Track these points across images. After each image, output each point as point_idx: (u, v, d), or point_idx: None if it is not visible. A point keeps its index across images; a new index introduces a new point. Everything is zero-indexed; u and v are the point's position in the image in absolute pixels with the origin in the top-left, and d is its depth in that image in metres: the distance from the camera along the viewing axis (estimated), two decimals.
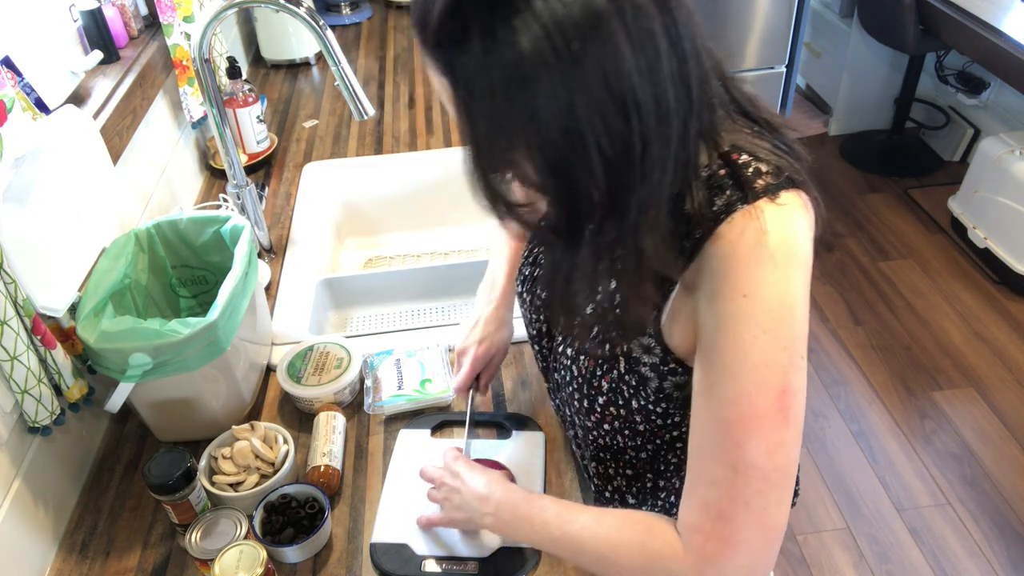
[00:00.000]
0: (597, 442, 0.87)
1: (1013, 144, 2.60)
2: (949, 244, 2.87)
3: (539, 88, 0.54)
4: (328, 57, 1.11)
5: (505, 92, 0.55)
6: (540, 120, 0.56)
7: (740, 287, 0.63)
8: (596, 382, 0.80)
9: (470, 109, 0.58)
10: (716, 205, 0.64)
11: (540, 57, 0.53)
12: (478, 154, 0.61)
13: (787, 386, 0.63)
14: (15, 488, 0.90)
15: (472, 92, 0.57)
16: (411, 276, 1.43)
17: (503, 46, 0.54)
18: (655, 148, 0.58)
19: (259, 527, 0.89)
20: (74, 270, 1.00)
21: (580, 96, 0.55)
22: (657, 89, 0.57)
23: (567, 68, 0.54)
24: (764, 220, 0.62)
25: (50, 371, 0.91)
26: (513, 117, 0.56)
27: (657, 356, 0.74)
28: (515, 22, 0.53)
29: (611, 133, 0.56)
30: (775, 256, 0.62)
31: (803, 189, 0.65)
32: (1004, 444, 2.16)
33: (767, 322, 0.62)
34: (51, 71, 1.16)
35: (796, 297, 0.63)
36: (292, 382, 1.07)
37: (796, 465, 0.65)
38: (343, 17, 2.41)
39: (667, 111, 0.58)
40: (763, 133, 0.69)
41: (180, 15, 1.46)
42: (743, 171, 0.65)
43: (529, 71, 0.54)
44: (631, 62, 0.55)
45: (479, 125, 0.59)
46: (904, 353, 2.46)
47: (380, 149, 1.71)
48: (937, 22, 2.66)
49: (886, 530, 1.97)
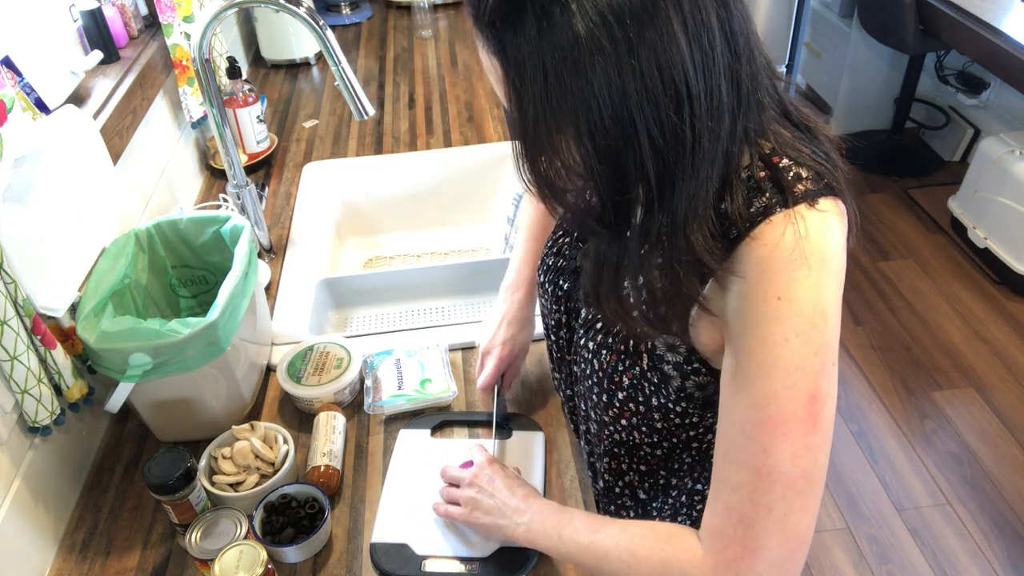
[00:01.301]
0: (612, 437, 0.87)
1: (1013, 144, 2.60)
2: (949, 244, 2.87)
3: (592, 73, 0.54)
4: (328, 57, 1.11)
5: (557, 75, 0.55)
6: (592, 106, 0.55)
7: (773, 289, 0.61)
8: (617, 377, 0.79)
9: (520, 91, 0.58)
10: (754, 206, 0.63)
11: (595, 42, 0.53)
12: (526, 137, 0.60)
13: (817, 391, 0.62)
14: (15, 488, 0.90)
15: (523, 74, 0.57)
16: (411, 276, 1.43)
17: (558, 28, 0.54)
18: (706, 142, 0.58)
19: (259, 527, 0.89)
20: (74, 270, 1.00)
21: (633, 84, 0.55)
22: (711, 82, 0.56)
23: (622, 55, 0.54)
24: (802, 225, 0.61)
25: (50, 371, 0.91)
26: (565, 101, 0.56)
27: (682, 355, 0.73)
28: (572, 5, 0.53)
29: (663, 123, 0.56)
30: (810, 261, 0.61)
31: (840, 198, 0.65)
32: (1004, 444, 2.16)
33: (800, 326, 0.61)
34: (51, 71, 1.16)
35: (829, 303, 0.62)
36: (292, 382, 1.07)
37: (824, 472, 0.64)
38: (343, 17, 2.41)
39: (720, 105, 0.57)
40: (804, 138, 0.68)
41: (180, 15, 1.46)
42: (784, 175, 0.64)
43: (584, 56, 0.54)
44: (686, 53, 0.55)
45: (529, 108, 0.58)
46: (904, 353, 2.46)
47: (380, 149, 1.71)
48: (937, 22, 2.66)
49: (886, 530, 1.97)
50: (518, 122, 0.59)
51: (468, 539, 0.90)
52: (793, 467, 0.62)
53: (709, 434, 0.80)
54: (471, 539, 0.90)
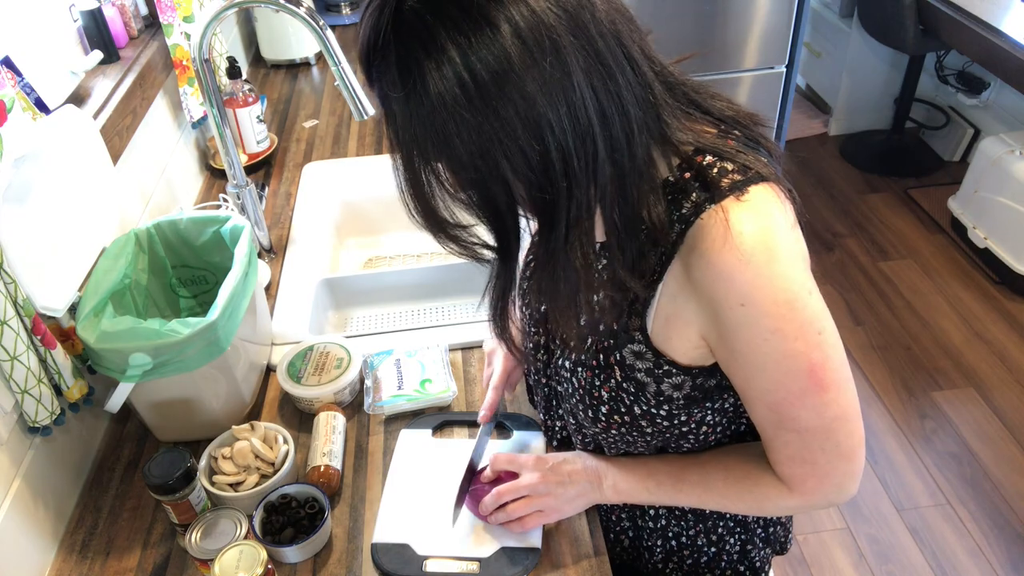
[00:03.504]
0: (608, 442, 0.87)
1: (1013, 144, 2.60)
2: (949, 244, 2.87)
3: (456, 132, 0.59)
4: (328, 57, 1.11)
5: (427, 134, 0.60)
6: (461, 159, 0.60)
7: (733, 298, 0.64)
8: (596, 392, 0.80)
9: (400, 141, 0.63)
10: (685, 208, 0.66)
11: (451, 99, 0.57)
12: (407, 180, 0.65)
13: (812, 364, 0.67)
14: (15, 488, 0.90)
15: (401, 129, 0.62)
16: (411, 276, 1.43)
17: (423, 92, 0.58)
18: (577, 162, 0.60)
19: (259, 527, 0.89)
20: (74, 270, 1.00)
21: (496, 141, 0.58)
22: (572, 107, 0.59)
23: (476, 109, 0.57)
24: (732, 220, 0.63)
25: (50, 371, 0.91)
26: (429, 144, 0.61)
27: (650, 361, 0.75)
28: (435, 70, 0.57)
29: (525, 153, 0.59)
30: (754, 259, 0.63)
31: (774, 182, 0.66)
32: (1004, 444, 2.16)
33: (771, 323, 0.64)
34: (51, 71, 1.16)
35: (791, 290, 0.64)
36: (292, 382, 1.07)
37: (854, 400, 0.71)
38: (343, 17, 2.41)
39: (587, 126, 0.59)
40: (729, 131, 0.70)
41: (180, 15, 1.46)
42: (708, 172, 0.66)
43: (441, 114, 0.58)
44: (547, 108, 0.58)
45: (404, 153, 0.63)
46: (904, 353, 2.46)
47: (380, 149, 1.71)
48: (937, 22, 2.66)
49: (886, 530, 1.97)
50: (400, 167, 0.64)
51: (468, 539, 0.90)
52: (821, 420, 0.70)
53: (703, 426, 0.81)
54: (472, 539, 0.90)
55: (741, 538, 0.94)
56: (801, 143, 3.49)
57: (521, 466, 0.88)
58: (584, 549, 0.89)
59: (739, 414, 0.82)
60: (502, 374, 1.00)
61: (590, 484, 0.86)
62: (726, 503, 0.83)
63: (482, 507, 0.88)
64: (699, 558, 0.95)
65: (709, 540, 0.94)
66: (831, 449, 0.72)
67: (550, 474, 0.86)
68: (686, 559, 0.96)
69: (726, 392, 0.77)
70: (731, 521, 0.93)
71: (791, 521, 1.02)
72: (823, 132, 3.55)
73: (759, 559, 0.97)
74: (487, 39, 0.56)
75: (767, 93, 2.72)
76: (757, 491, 0.79)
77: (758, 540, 0.96)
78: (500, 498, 0.87)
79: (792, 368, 0.67)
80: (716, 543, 0.94)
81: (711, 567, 0.96)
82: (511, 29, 0.56)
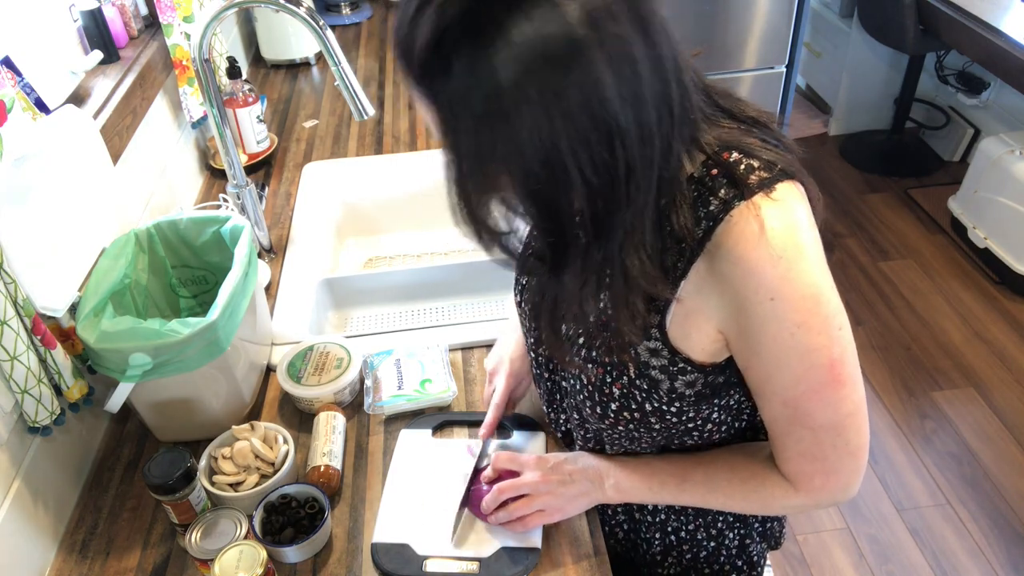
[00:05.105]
0: (611, 438, 0.87)
1: (1013, 144, 2.60)
2: (949, 244, 2.87)
3: (520, 121, 0.55)
4: (328, 57, 1.11)
5: (487, 125, 0.56)
6: (523, 152, 0.57)
7: (763, 292, 0.65)
8: (607, 389, 0.80)
9: (454, 141, 0.59)
10: (712, 205, 0.65)
11: (520, 91, 0.54)
12: (462, 183, 0.62)
13: (832, 359, 0.68)
14: (15, 488, 0.90)
15: (455, 125, 0.58)
16: (411, 276, 1.43)
17: (484, 80, 0.54)
18: (639, 171, 0.59)
19: (259, 527, 0.89)
20: (74, 270, 1.00)
21: (562, 127, 0.55)
22: (641, 114, 0.57)
23: (548, 101, 0.54)
24: (764, 217, 0.64)
25: (50, 371, 0.91)
26: (496, 147, 0.57)
27: (665, 358, 0.74)
28: (494, 56, 0.54)
29: (595, 162, 0.57)
30: (785, 255, 0.64)
31: (798, 179, 0.67)
32: (1004, 444, 2.16)
33: (798, 318, 0.65)
34: (51, 71, 1.17)
35: (816, 285, 0.65)
36: (292, 382, 1.07)
37: (863, 399, 0.72)
38: (343, 17, 2.41)
39: (650, 133, 0.59)
40: (751, 130, 0.70)
41: (180, 15, 1.46)
42: (735, 168, 0.66)
43: (509, 104, 0.55)
44: (613, 90, 0.55)
45: (463, 159, 0.60)
46: (904, 353, 2.46)
47: (380, 149, 1.71)
48: (937, 22, 2.66)
49: (886, 530, 1.98)
50: (455, 168, 0.61)
51: (468, 539, 0.90)
52: (836, 414, 0.71)
53: (708, 423, 0.81)
54: (472, 539, 0.90)
55: (740, 533, 0.94)
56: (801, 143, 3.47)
57: (522, 465, 0.88)
58: (584, 549, 0.89)
59: (741, 411, 0.82)
60: (504, 393, 0.99)
61: (592, 483, 0.86)
62: (730, 503, 0.83)
63: (483, 506, 0.88)
64: (698, 552, 0.95)
65: (708, 535, 0.94)
66: (841, 446, 0.73)
67: (551, 473, 0.86)
68: (685, 554, 0.96)
69: (732, 388, 0.77)
70: (731, 516, 0.93)
71: (786, 516, 1.02)
72: (823, 132, 3.55)
73: (756, 553, 0.97)
74: (554, 19, 0.53)
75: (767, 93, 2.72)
76: (763, 491, 0.80)
77: (756, 535, 0.96)
78: (501, 495, 0.87)
79: (814, 363, 0.67)
80: (715, 537, 0.94)
81: (710, 562, 0.96)
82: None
